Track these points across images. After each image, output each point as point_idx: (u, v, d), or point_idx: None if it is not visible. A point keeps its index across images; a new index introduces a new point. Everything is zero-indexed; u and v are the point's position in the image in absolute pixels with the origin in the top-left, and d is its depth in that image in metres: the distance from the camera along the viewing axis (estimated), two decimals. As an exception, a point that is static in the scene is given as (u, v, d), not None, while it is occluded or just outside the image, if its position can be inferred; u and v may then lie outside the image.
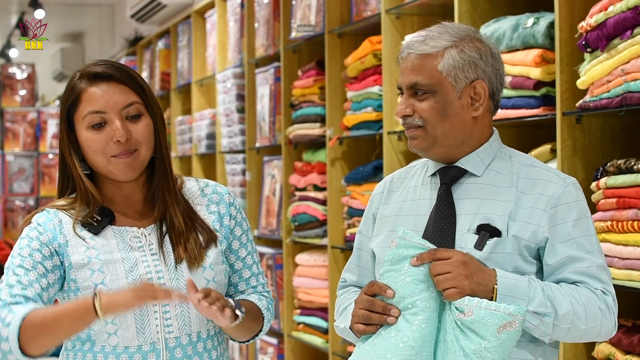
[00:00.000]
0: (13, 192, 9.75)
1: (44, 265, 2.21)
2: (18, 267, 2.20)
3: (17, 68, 10.20)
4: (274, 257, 5.42)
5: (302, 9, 4.91)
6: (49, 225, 2.25)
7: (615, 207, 2.93)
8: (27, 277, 2.18)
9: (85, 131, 2.24)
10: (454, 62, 2.17)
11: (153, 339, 2.23)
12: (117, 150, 2.23)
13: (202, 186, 2.40)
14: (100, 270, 2.22)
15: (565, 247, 2.12)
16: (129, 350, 2.22)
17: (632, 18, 2.80)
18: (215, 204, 2.38)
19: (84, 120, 2.24)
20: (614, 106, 2.89)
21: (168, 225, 2.29)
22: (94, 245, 2.24)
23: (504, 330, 2.02)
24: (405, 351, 2.05)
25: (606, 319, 2.13)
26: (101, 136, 2.23)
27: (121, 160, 2.23)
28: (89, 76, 2.25)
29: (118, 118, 2.23)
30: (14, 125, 9.94)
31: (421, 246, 2.11)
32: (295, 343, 5.29)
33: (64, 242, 2.24)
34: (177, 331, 2.25)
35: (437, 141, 2.20)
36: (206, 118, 6.73)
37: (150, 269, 2.24)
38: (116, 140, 2.22)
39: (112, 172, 2.26)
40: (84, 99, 2.24)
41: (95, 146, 2.24)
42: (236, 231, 2.39)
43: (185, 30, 7.36)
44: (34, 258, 2.21)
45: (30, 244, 2.23)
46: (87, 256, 2.23)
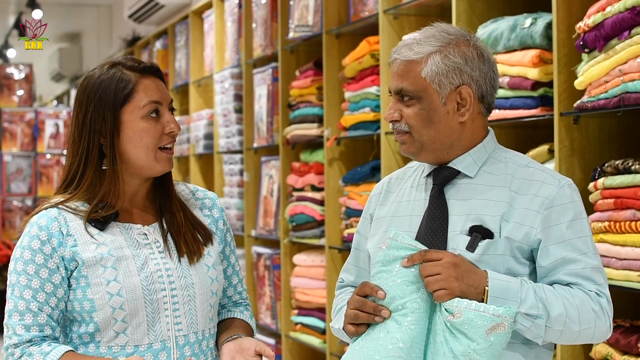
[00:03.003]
0: (11, 192, 9.74)
1: (52, 282, 2.18)
2: (25, 289, 2.16)
3: (15, 68, 10.20)
4: (272, 257, 5.42)
5: (300, 10, 4.91)
6: (52, 228, 2.20)
7: (613, 208, 2.93)
8: (36, 302, 2.16)
9: (141, 120, 2.22)
10: (437, 69, 2.16)
11: (164, 337, 2.22)
12: (168, 141, 2.25)
13: (192, 190, 2.42)
14: (113, 267, 2.20)
15: (559, 248, 2.11)
16: (140, 349, 2.20)
17: (630, 18, 2.80)
18: (209, 209, 2.39)
19: (141, 110, 2.22)
20: (612, 107, 2.89)
21: (169, 221, 2.29)
22: (103, 241, 2.22)
23: (493, 332, 2.01)
24: (394, 352, 2.04)
25: (600, 320, 2.11)
26: (157, 126, 2.24)
27: (167, 155, 2.26)
28: (140, 70, 2.25)
29: (167, 111, 2.27)
30: (12, 125, 9.94)
31: (412, 247, 2.10)
32: (292, 343, 5.29)
33: (72, 242, 2.20)
34: (186, 329, 2.25)
35: (424, 146, 2.20)
36: (204, 118, 6.73)
37: (160, 266, 2.24)
38: (169, 131, 2.24)
39: (154, 167, 2.25)
40: (140, 89, 2.23)
41: (150, 136, 2.23)
42: (227, 237, 2.41)
43: (182, 31, 7.36)
44: (41, 275, 2.17)
45: (34, 258, 2.18)
46: (99, 253, 2.20)
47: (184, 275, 2.25)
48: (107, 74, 2.23)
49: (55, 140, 10.00)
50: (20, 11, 10.69)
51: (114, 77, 2.22)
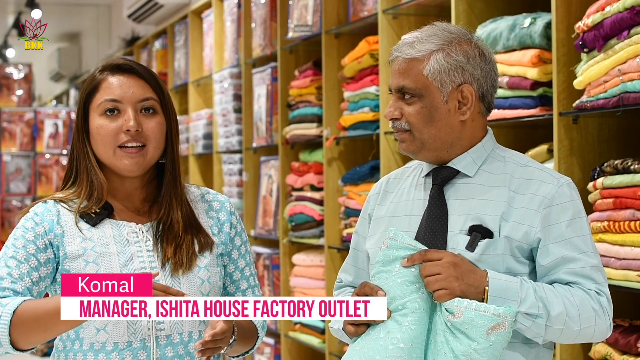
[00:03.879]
0: (10, 192, 9.74)
1: (37, 258, 2.21)
2: (10, 259, 2.20)
3: (14, 68, 10.19)
4: (271, 257, 5.42)
5: (299, 9, 4.91)
6: (46, 215, 2.25)
7: (612, 208, 2.92)
8: (19, 270, 2.18)
9: (98, 118, 2.26)
10: (440, 67, 2.16)
11: (143, 335, 2.22)
12: (125, 139, 2.24)
13: (203, 192, 2.41)
14: (95, 262, 2.21)
15: (559, 247, 2.11)
16: (119, 346, 2.20)
17: (629, 18, 2.80)
18: (216, 211, 2.38)
19: (98, 108, 2.26)
20: (611, 106, 2.89)
21: (167, 226, 2.29)
22: (90, 236, 2.24)
23: (494, 331, 2.01)
24: (395, 353, 2.04)
25: (600, 319, 2.11)
26: (112, 124, 2.25)
27: (127, 154, 2.24)
28: (111, 68, 2.29)
29: (132, 109, 2.25)
30: (11, 125, 9.93)
31: (412, 247, 2.10)
32: (292, 343, 5.28)
33: (61, 232, 2.24)
34: (169, 329, 2.24)
35: (424, 145, 2.20)
36: (203, 118, 6.73)
37: (145, 265, 2.24)
38: (126, 129, 2.23)
39: (116, 165, 2.26)
40: (102, 87, 2.27)
41: (105, 133, 2.24)
42: (236, 241, 2.40)
43: (182, 30, 7.36)
44: (28, 250, 2.21)
45: (25, 234, 2.23)
46: (82, 247, 2.23)
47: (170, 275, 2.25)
48: (90, 75, 2.32)
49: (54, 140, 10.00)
50: (20, 11, 10.69)
51: (89, 78, 2.32)
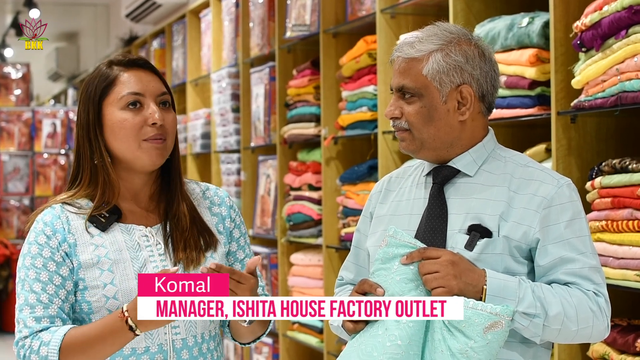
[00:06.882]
0: (8, 191, 9.74)
1: (60, 274, 2.17)
2: (35, 282, 2.16)
3: (12, 68, 10.20)
4: (269, 256, 5.42)
5: (297, 9, 4.91)
6: (56, 224, 2.20)
7: (610, 207, 2.93)
8: (46, 294, 2.15)
9: (120, 112, 2.22)
10: (439, 67, 2.17)
11: (161, 340, 2.21)
12: (151, 133, 2.21)
13: (203, 189, 2.40)
14: (110, 270, 2.19)
15: (557, 248, 2.12)
16: (137, 352, 2.19)
17: (627, 17, 2.80)
18: (217, 206, 2.38)
19: (119, 101, 2.22)
20: (609, 106, 2.89)
21: (174, 224, 2.28)
22: (102, 243, 2.21)
23: (491, 330, 2.01)
24: (392, 349, 2.04)
25: (598, 320, 2.11)
26: (137, 117, 2.21)
27: (153, 145, 2.22)
28: (125, 63, 2.26)
29: (154, 102, 2.23)
30: (9, 124, 9.94)
31: (411, 245, 2.11)
32: (290, 342, 5.29)
33: (73, 241, 2.20)
34: (184, 332, 2.23)
35: (424, 144, 2.21)
36: (201, 117, 6.73)
37: (159, 269, 2.21)
38: (152, 122, 2.21)
39: (140, 158, 2.22)
40: (120, 81, 2.23)
41: (130, 126, 2.21)
42: (234, 233, 2.40)
43: (180, 30, 7.36)
44: (49, 268, 2.17)
45: (41, 252, 2.18)
46: (96, 255, 2.19)
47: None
48: (96, 71, 2.27)
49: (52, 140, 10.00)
50: (18, 10, 10.68)
51: (100, 72, 2.26)
